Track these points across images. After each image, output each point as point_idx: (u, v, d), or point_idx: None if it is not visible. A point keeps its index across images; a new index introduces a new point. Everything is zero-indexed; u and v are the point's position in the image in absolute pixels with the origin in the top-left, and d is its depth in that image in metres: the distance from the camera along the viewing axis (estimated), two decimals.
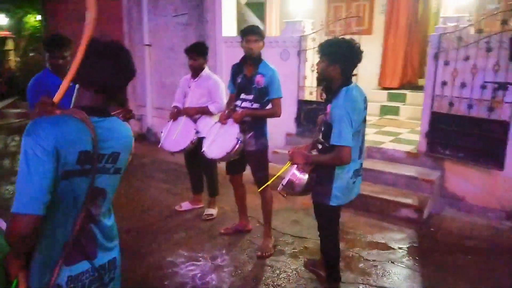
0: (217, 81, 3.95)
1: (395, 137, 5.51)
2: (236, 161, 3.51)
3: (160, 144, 3.89)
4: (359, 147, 2.54)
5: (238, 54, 3.57)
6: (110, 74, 1.33)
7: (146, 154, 6.54)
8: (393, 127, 6.05)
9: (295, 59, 5.52)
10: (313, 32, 5.14)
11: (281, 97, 3.38)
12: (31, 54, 10.89)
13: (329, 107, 2.47)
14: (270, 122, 3.54)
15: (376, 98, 7.22)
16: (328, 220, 2.67)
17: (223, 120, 3.47)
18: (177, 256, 3.45)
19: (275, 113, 3.41)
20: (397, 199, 4.32)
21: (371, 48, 7.35)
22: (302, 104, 5.64)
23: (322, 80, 2.53)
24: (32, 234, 1.22)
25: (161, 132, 3.99)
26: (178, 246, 3.61)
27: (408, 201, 4.25)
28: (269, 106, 3.40)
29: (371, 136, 5.59)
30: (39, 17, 10.04)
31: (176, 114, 3.95)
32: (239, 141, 3.30)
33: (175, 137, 3.80)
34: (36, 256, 1.30)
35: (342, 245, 3.62)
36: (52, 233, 1.29)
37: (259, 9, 7.32)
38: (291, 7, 6.08)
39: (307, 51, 5.43)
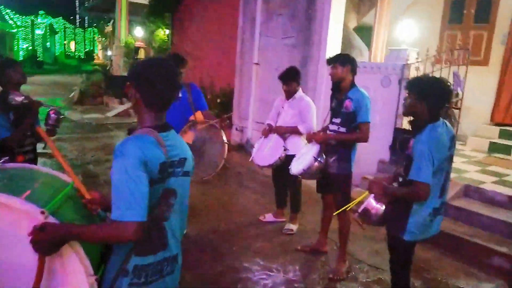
0: (308, 103, 4.15)
1: (499, 178, 5.08)
2: (326, 181, 3.64)
3: (251, 157, 4.22)
4: (441, 185, 2.50)
5: None
6: (168, 87, 1.58)
7: (243, 164, 6.97)
8: (500, 167, 5.57)
9: (396, 87, 5.46)
10: (418, 61, 5.04)
11: (368, 122, 3.40)
12: None
13: (412, 141, 2.49)
14: (363, 147, 3.58)
15: (486, 134, 6.69)
16: (401, 254, 2.65)
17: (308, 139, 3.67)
18: (253, 263, 3.70)
19: (361, 138, 3.44)
20: (491, 245, 4.00)
21: (486, 80, 6.88)
22: (399, 132, 5.53)
23: (408, 115, 2.57)
24: (140, 238, 1.42)
25: (252, 147, 4.32)
26: (255, 254, 3.87)
27: (503, 249, 3.91)
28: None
29: (472, 173, 5.24)
30: (167, 32, 11.38)
31: (268, 131, 4.25)
32: (316, 160, 3.44)
33: (265, 152, 4.09)
34: (116, 245, 1.57)
35: (419, 284, 3.54)
36: None
37: (368, 34, 7.34)
38: (399, 34, 6.02)
39: None
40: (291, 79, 4.12)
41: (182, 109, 3.61)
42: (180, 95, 3.63)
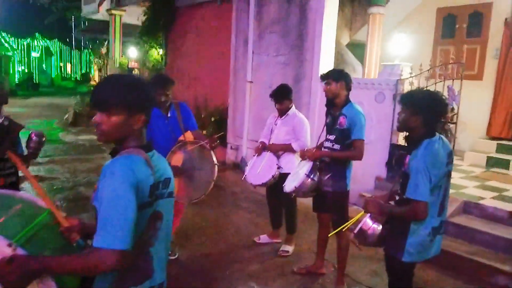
0: (302, 120, 4.07)
1: (498, 194, 4.98)
2: (322, 199, 3.52)
3: (244, 176, 4.10)
4: (440, 203, 2.40)
5: None
6: (147, 99, 1.49)
7: (238, 183, 6.81)
8: (499, 182, 5.47)
9: (390, 103, 5.40)
10: (411, 76, 5.00)
11: (363, 139, 3.32)
12: None
13: (408, 158, 2.40)
14: (360, 164, 3.49)
15: (483, 148, 6.63)
16: (399, 276, 2.53)
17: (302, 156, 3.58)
18: (246, 287, 3.55)
19: (355, 156, 3.35)
20: (493, 263, 3.87)
21: (481, 94, 6.86)
22: (395, 148, 5.45)
23: (403, 130, 2.48)
24: (123, 268, 1.32)
25: (246, 165, 4.22)
26: (249, 278, 3.71)
27: (506, 268, 3.78)
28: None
29: (470, 189, 5.13)
30: (161, 51, 11.39)
31: (261, 149, 4.15)
32: (309, 178, 3.35)
33: (259, 171, 3.98)
34: (97, 277, 1.45)
35: None
36: None
37: (361, 51, 7.34)
38: (392, 50, 6.00)
39: None
40: (283, 97, 4.05)
41: (171, 128, 3.52)
42: (169, 114, 3.54)
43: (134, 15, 13.05)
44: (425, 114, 2.32)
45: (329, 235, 3.33)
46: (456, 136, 7.27)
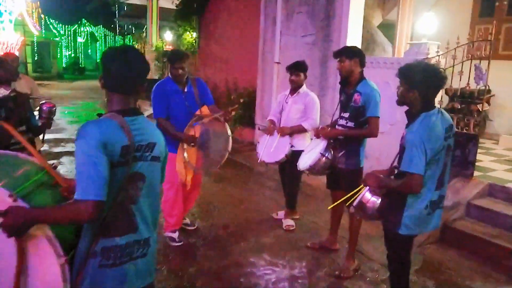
0: (313, 99, 4.08)
1: None
2: (335, 177, 3.56)
3: (257, 154, 4.20)
4: (438, 177, 2.39)
5: None
6: (124, 70, 1.61)
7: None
8: None
9: None
10: (438, 55, 4.83)
11: (378, 117, 3.29)
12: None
13: (405, 131, 2.40)
14: (385, 145, 3.46)
15: None
16: (396, 249, 2.55)
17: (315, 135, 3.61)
18: (259, 258, 3.68)
19: (370, 133, 3.33)
20: None
21: None
22: None
23: (402, 104, 2.47)
24: (98, 217, 1.48)
25: (257, 142, 4.32)
26: (263, 249, 3.84)
27: None
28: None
29: (499, 172, 4.97)
30: (194, 35, 11.58)
31: (272, 129, 4.21)
32: (324, 156, 3.38)
33: (272, 149, 4.06)
34: (84, 227, 1.61)
35: (431, 284, 3.39)
36: None
37: (392, 30, 7.15)
38: (423, 30, 5.80)
39: None
40: (300, 69, 4.08)
41: (188, 103, 3.66)
42: (186, 90, 3.68)
43: None
44: (421, 88, 2.30)
45: (328, 208, 3.37)
46: (491, 119, 7.00)
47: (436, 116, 2.33)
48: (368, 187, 2.49)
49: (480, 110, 4.73)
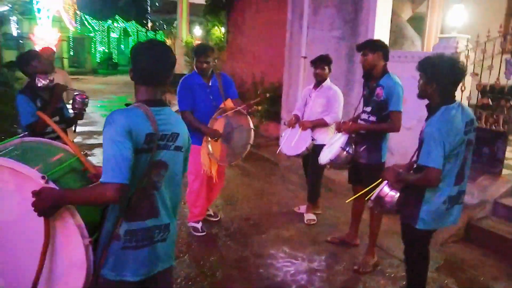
0: (337, 92, 4.08)
1: None
2: (357, 171, 3.56)
3: (279, 147, 4.25)
4: (457, 172, 2.36)
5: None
6: (150, 63, 1.71)
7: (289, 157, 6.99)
8: None
9: None
10: (467, 49, 4.70)
11: (400, 111, 3.24)
12: None
13: (424, 124, 2.38)
14: (405, 138, 3.42)
15: None
16: (413, 243, 2.55)
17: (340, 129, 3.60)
18: (279, 250, 3.74)
19: (392, 128, 3.30)
20: None
21: None
22: None
23: (422, 97, 2.45)
24: (121, 200, 1.56)
25: (281, 136, 4.37)
26: (283, 243, 3.90)
27: None
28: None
29: None
30: (223, 30, 11.70)
31: (294, 122, 4.25)
32: (345, 150, 3.38)
33: (293, 143, 4.10)
34: (109, 210, 1.71)
35: (451, 282, 3.34)
36: None
37: (422, 23, 7.00)
38: (453, 23, 5.66)
39: None
40: (324, 63, 4.10)
41: (212, 96, 3.75)
42: (210, 83, 3.77)
43: None
44: (440, 81, 2.28)
45: (346, 201, 3.38)
46: None
47: (456, 109, 2.30)
48: (386, 181, 2.50)
49: (511, 106, 4.59)
